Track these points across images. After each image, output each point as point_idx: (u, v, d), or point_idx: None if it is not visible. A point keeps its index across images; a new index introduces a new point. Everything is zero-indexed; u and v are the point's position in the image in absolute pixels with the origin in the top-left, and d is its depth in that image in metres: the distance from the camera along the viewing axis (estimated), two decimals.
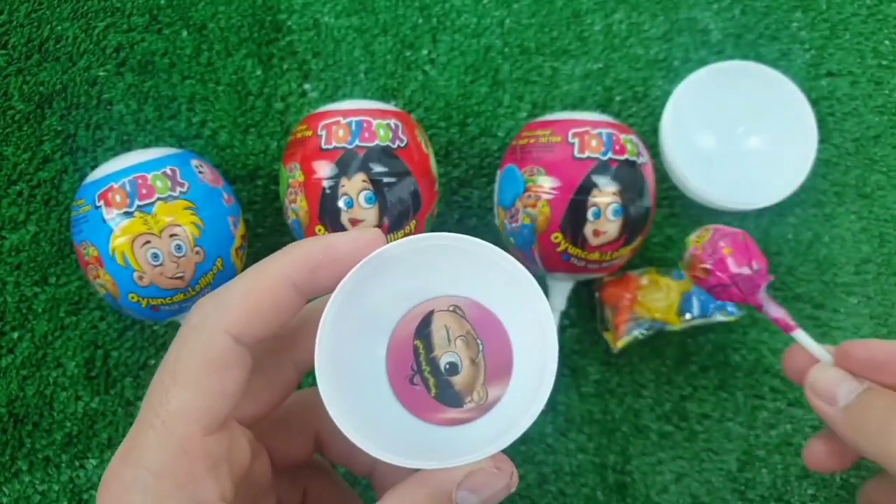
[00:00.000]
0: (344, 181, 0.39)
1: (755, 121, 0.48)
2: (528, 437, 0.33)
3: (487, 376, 0.25)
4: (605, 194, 0.39)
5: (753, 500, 0.46)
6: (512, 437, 0.23)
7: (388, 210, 0.39)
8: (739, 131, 0.49)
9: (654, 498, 0.45)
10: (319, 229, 0.39)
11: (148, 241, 0.37)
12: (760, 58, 0.49)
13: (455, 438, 0.25)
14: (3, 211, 0.45)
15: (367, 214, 0.39)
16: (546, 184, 0.40)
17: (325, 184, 0.39)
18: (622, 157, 0.40)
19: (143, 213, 0.37)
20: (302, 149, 0.40)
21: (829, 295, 0.48)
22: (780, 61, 0.50)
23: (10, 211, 0.45)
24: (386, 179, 0.39)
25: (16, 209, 0.45)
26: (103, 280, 0.38)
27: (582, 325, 0.47)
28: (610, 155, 0.40)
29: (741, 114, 0.48)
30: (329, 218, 0.39)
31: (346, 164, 0.39)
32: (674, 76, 0.49)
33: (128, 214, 0.37)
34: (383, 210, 0.39)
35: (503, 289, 0.25)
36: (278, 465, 0.28)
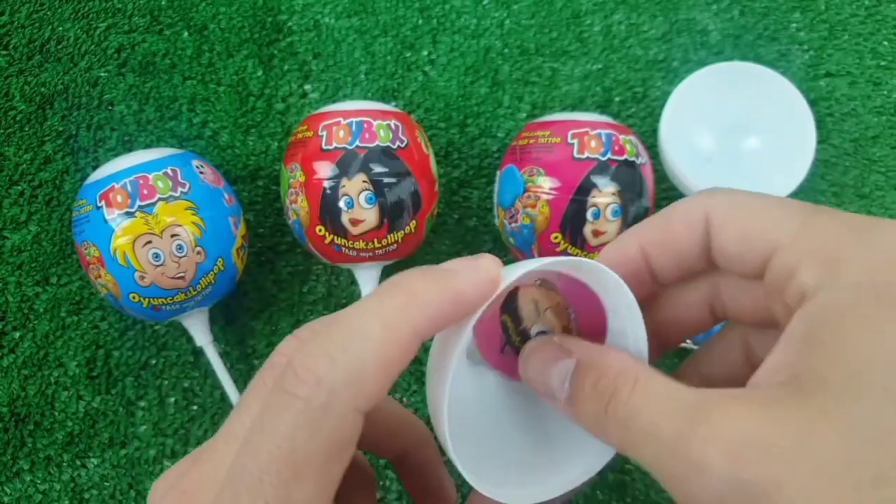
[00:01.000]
0: (344, 181, 0.39)
1: (754, 121, 0.48)
2: None
3: None
4: (605, 195, 0.39)
5: None
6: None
7: (388, 210, 0.39)
8: (738, 132, 0.49)
9: (653, 497, 0.45)
10: (320, 229, 0.40)
11: (149, 242, 0.37)
12: (759, 58, 0.50)
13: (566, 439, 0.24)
14: (4, 211, 0.45)
15: (368, 215, 0.39)
16: (546, 184, 0.40)
17: (326, 184, 0.39)
18: (621, 158, 0.40)
19: (144, 213, 0.37)
20: (303, 149, 0.40)
21: None
22: (779, 62, 0.50)
23: (11, 211, 0.45)
24: (386, 180, 0.39)
25: (17, 209, 0.45)
26: (104, 280, 0.38)
27: None
28: (609, 155, 0.40)
29: (740, 114, 0.48)
30: (329, 218, 0.39)
31: (346, 164, 0.39)
32: (673, 77, 0.50)
33: (129, 215, 0.37)
34: (383, 210, 0.39)
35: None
36: None
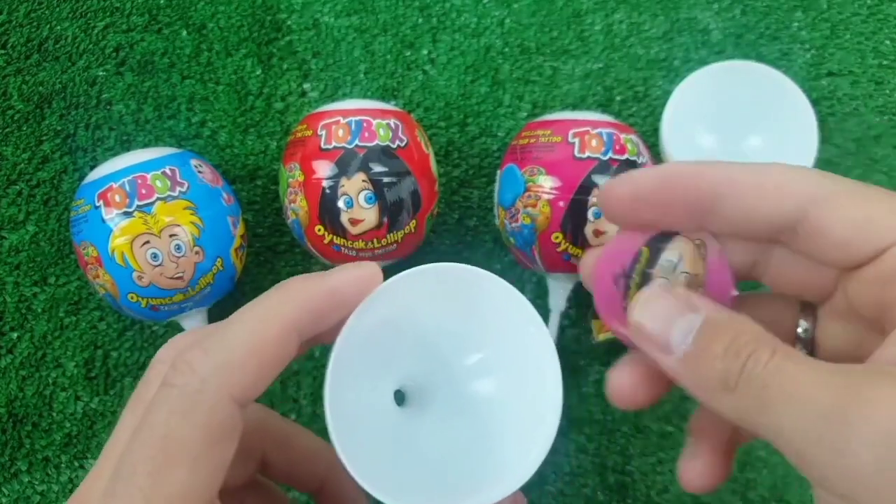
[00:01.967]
0: (344, 181, 0.38)
1: (756, 121, 0.48)
2: None
3: None
4: None
5: (753, 500, 0.45)
6: None
7: (387, 210, 0.39)
8: (740, 131, 0.48)
9: (654, 498, 0.45)
10: (319, 229, 0.39)
11: (147, 241, 0.37)
12: (761, 58, 0.49)
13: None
14: (2, 211, 0.45)
15: (367, 214, 0.39)
16: (546, 184, 0.39)
17: (325, 184, 0.39)
18: (622, 157, 0.40)
19: (142, 212, 0.37)
20: (302, 149, 0.40)
21: None
22: (781, 61, 0.50)
23: (9, 211, 0.45)
24: (386, 179, 0.39)
25: (15, 209, 0.45)
26: (103, 280, 0.38)
27: (582, 325, 0.47)
28: (610, 155, 0.40)
29: (741, 114, 0.48)
30: (329, 218, 0.39)
31: (345, 163, 0.39)
32: (674, 76, 0.49)
33: (127, 214, 0.37)
34: (383, 210, 0.39)
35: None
36: (221, 490, 0.26)
